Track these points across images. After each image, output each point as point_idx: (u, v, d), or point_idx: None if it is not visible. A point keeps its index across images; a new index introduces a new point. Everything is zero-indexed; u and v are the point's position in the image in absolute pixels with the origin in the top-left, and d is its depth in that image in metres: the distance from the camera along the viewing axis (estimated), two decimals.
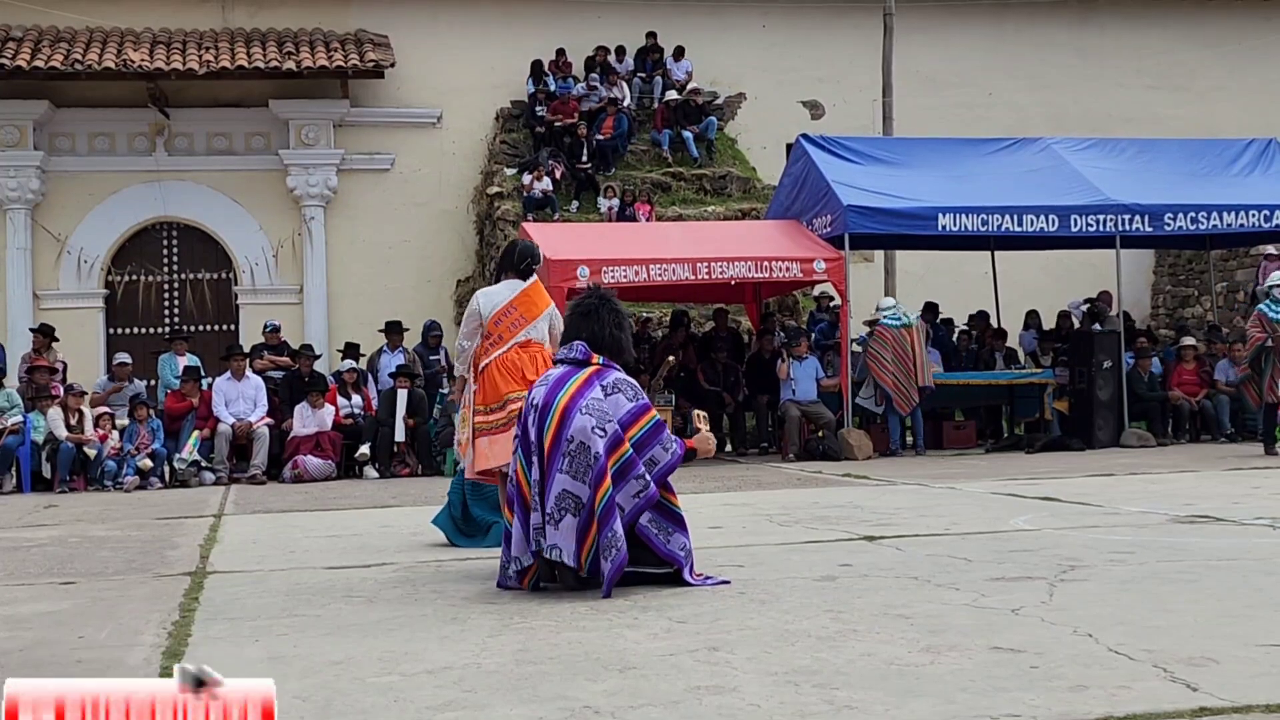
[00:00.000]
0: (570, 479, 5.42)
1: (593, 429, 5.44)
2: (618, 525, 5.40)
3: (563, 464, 5.43)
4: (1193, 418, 16.83)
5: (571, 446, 5.43)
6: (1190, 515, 7.85)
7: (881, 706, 3.45)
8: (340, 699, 3.75)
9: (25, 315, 20.43)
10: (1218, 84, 24.71)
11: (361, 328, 19.32)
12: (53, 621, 5.30)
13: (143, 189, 21.68)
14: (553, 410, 5.53)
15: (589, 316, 5.81)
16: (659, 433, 5.62)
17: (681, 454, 5.67)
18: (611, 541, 5.37)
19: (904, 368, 15.26)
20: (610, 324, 5.79)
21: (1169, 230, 16.04)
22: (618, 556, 5.38)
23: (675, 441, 5.68)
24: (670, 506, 5.71)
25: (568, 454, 5.43)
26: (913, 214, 15.46)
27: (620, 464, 5.47)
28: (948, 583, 5.47)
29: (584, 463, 5.41)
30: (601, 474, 5.39)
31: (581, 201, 20.64)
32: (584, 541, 5.40)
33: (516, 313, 6.86)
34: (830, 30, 23.60)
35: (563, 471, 5.43)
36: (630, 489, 5.48)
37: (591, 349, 5.73)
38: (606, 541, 5.37)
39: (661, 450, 5.60)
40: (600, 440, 5.43)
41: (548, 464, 5.49)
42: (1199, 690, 3.51)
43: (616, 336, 5.79)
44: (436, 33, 22.62)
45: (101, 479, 14.16)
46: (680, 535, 5.70)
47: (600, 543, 5.38)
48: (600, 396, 5.55)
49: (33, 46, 21.04)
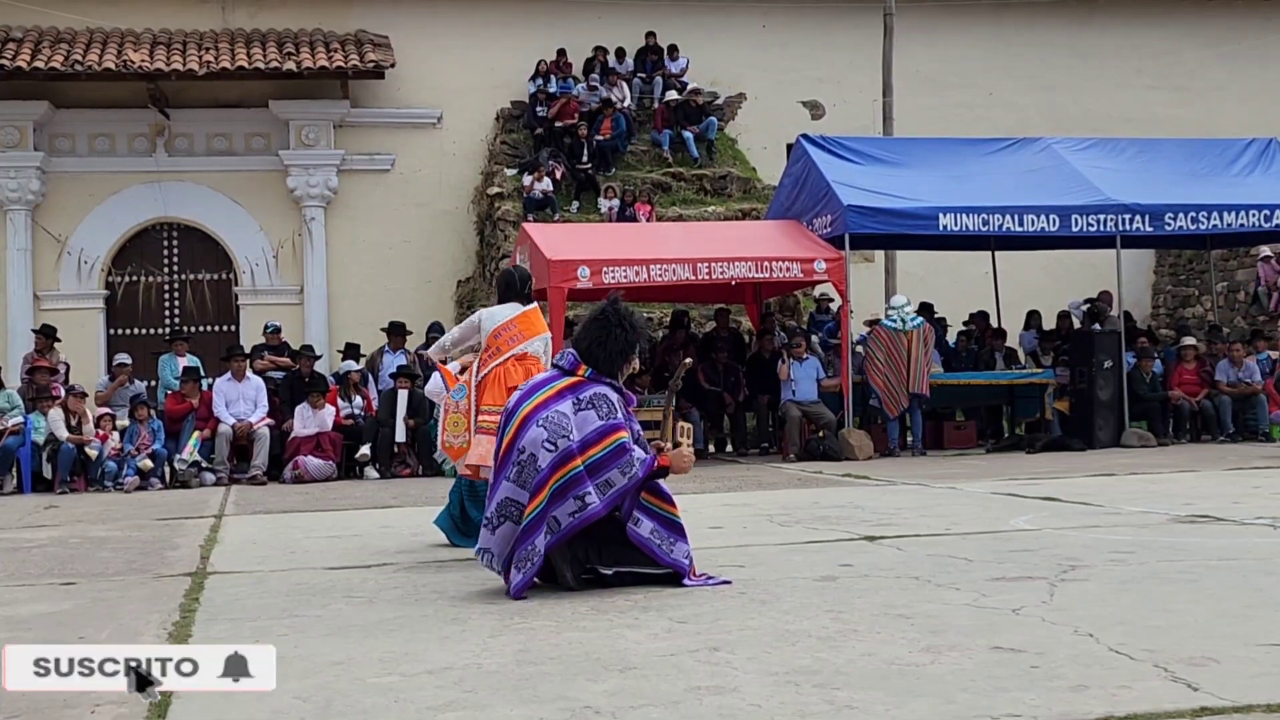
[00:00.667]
0: (516, 488, 5.48)
1: (543, 442, 5.46)
2: (539, 541, 5.40)
3: (511, 472, 5.50)
4: (1193, 418, 16.82)
5: (522, 457, 5.48)
6: (1191, 515, 7.85)
7: (882, 706, 3.45)
8: (341, 699, 3.75)
9: (26, 316, 20.45)
10: (1218, 84, 24.72)
11: (362, 328, 19.32)
12: (53, 622, 5.30)
13: (143, 190, 21.70)
14: (514, 418, 5.59)
15: (588, 325, 5.74)
16: (620, 456, 5.49)
17: (644, 474, 5.52)
18: (528, 555, 5.41)
19: (896, 370, 15.24)
20: (614, 348, 5.65)
21: (1169, 230, 16.03)
22: (529, 569, 5.41)
23: (640, 465, 5.51)
24: (670, 517, 5.69)
25: (517, 463, 5.48)
26: (913, 214, 15.45)
27: (564, 480, 5.43)
28: (948, 583, 5.48)
29: (531, 473, 5.45)
30: (539, 486, 5.41)
31: (582, 202, 20.64)
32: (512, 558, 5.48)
33: (516, 329, 7.20)
34: (830, 30, 23.61)
35: (509, 480, 5.50)
36: (566, 508, 5.43)
37: (583, 360, 5.66)
38: (524, 554, 5.41)
39: (619, 474, 5.48)
40: (549, 454, 5.44)
41: (498, 469, 5.59)
42: (1200, 690, 3.51)
43: (595, 355, 5.66)
44: (436, 33, 22.63)
45: (102, 480, 14.16)
46: (682, 544, 5.69)
47: (517, 554, 5.42)
48: (567, 410, 5.52)
49: (33, 47, 21.05)
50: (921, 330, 15.43)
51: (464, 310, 17.65)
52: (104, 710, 3.71)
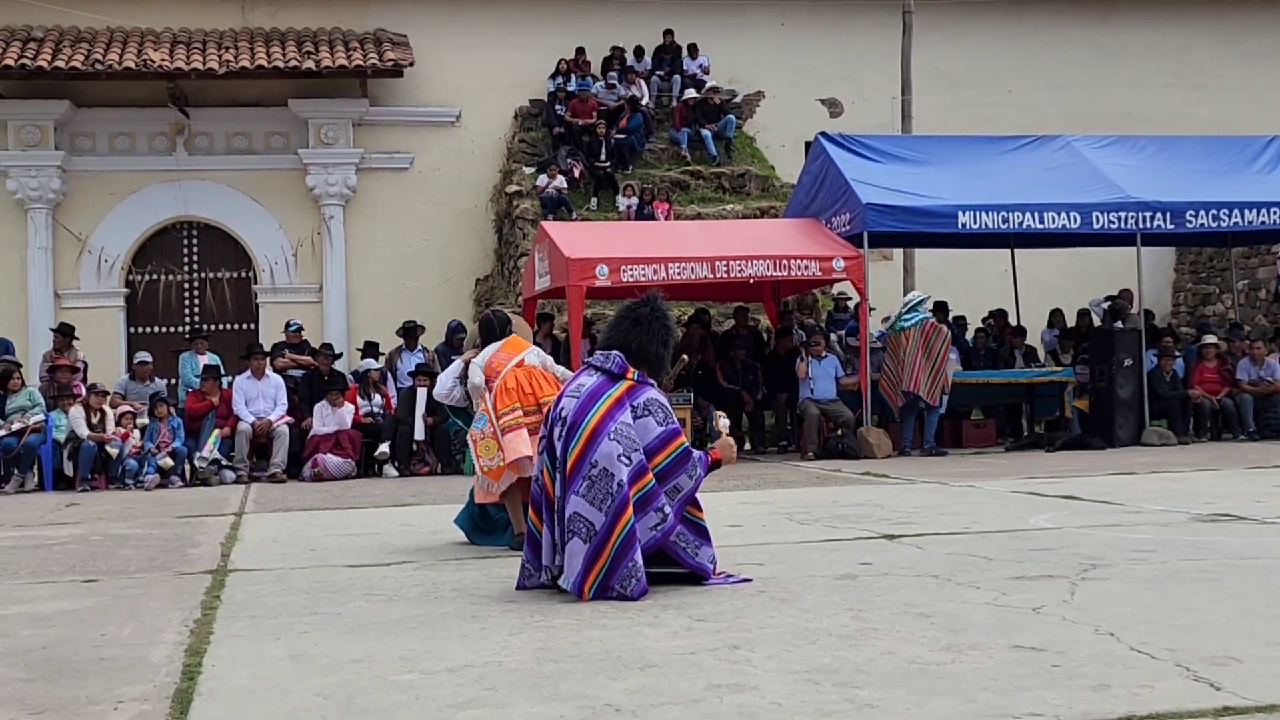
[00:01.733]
0: (587, 504, 5.29)
1: (618, 456, 5.29)
2: (638, 555, 5.28)
3: (581, 486, 5.30)
4: (1214, 416, 16.75)
5: (594, 471, 5.29)
6: (1212, 514, 7.81)
7: (902, 705, 3.44)
8: (361, 697, 3.76)
9: (47, 314, 20.54)
10: (1236, 82, 24.61)
11: (381, 326, 19.36)
12: (75, 619, 5.32)
13: (163, 188, 21.79)
14: (581, 429, 5.37)
15: (639, 326, 5.64)
16: (685, 461, 5.46)
17: (704, 475, 5.53)
18: (632, 571, 5.25)
19: (894, 369, 15.16)
20: (657, 339, 5.63)
21: (1190, 228, 15.96)
22: (637, 586, 5.25)
23: (700, 465, 5.52)
24: (696, 520, 5.63)
25: (589, 478, 5.29)
26: (932, 212, 15.42)
27: (641, 494, 5.33)
28: (968, 581, 5.46)
29: (604, 489, 5.26)
30: (624, 504, 5.25)
31: (600, 200, 20.65)
32: (591, 568, 5.27)
33: (502, 354, 7.39)
34: (849, 28, 23.58)
35: (579, 494, 5.30)
36: (649, 521, 5.35)
37: (629, 361, 5.57)
38: (626, 571, 5.24)
39: (686, 478, 5.46)
40: (625, 469, 5.28)
41: (567, 483, 5.37)
42: (1222, 689, 3.50)
43: (661, 354, 5.65)
44: (455, 32, 22.66)
45: (123, 478, 14.22)
46: (707, 548, 5.64)
47: (621, 570, 5.24)
48: (629, 420, 5.40)
49: (54, 47, 21.15)
50: (920, 327, 15.11)
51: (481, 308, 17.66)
52: (127, 707, 3.72)
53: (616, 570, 5.24)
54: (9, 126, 21.20)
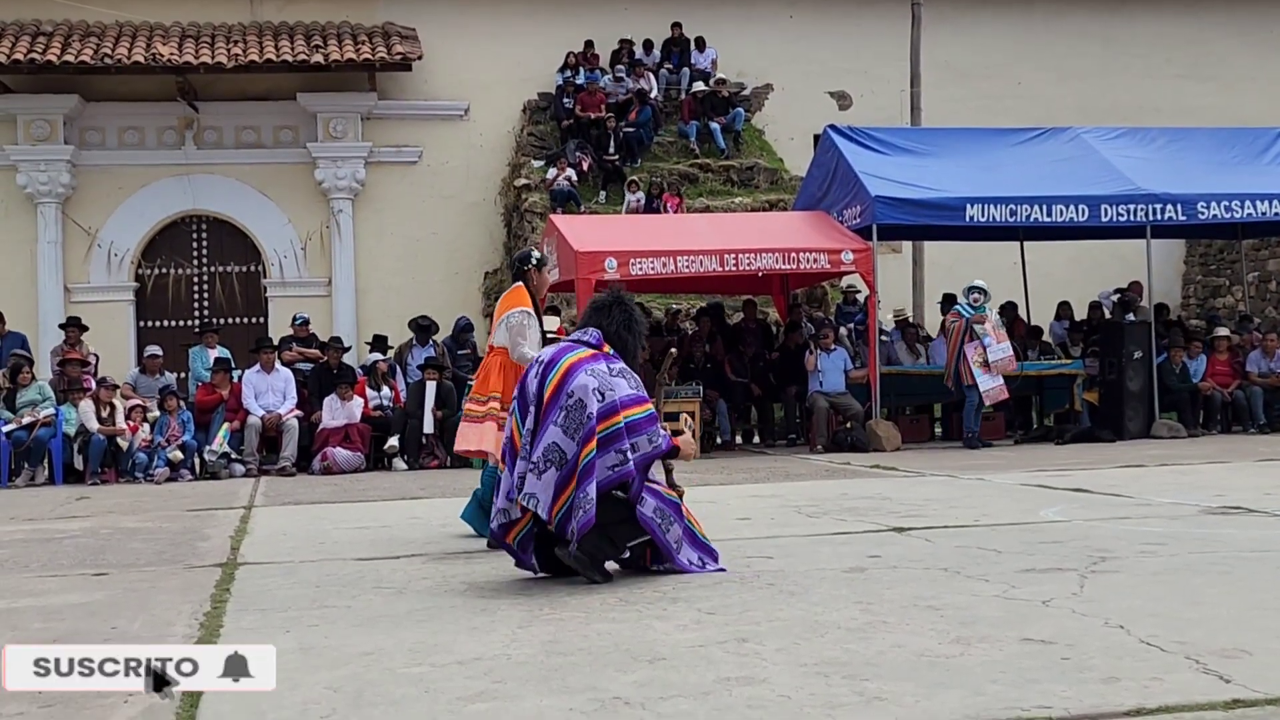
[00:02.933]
0: (562, 433, 5.49)
1: (593, 390, 5.53)
2: (591, 488, 5.44)
3: (558, 416, 5.51)
4: (1224, 409, 16.72)
5: (570, 401, 5.50)
6: (1222, 506, 7.80)
7: (911, 698, 3.44)
8: (371, 689, 3.76)
9: (56, 308, 20.58)
10: (1246, 73, 24.54)
11: (390, 320, 19.38)
12: (85, 612, 5.33)
13: (172, 182, 21.82)
14: (559, 365, 5.64)
15: (600, 311, 5.96)
16: (651, 424, 5.68)
17: (666, 448, 5.71)
18: (582, 502, 5.42)
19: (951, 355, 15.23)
20: (619, 323, 5.90)
21: (1201, 219, 15.89)
22: (584, 517, 5.41)
23: (663, 436, 5.72)
24: (672, 498, 5.82)
25: (565, 408, 5.50)
26: (941, 205, 15.38)
27: (609, 432, 5.53)
28: (977, 574, 5.46)
29: (578, 420, 5.47)
30: (590, 435, 5.46)
31: (609, 193, 20.64)
32: (560, 496, 5.45)
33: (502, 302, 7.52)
34: (858, 21, 23.54)
35: (557, 424, 5.50)
36: (609, 459, 5.52)
37: (607, 340, 5.86)
38: (579, 500, 5.42)
39: (647, 441, 5.64)
40: (596, 403, 5.50)
41: (543, 415, 5.57)
42: (1232, 682, 3.49)
43: (623, 337, 5.90)
44: (464, 25, 22.66)
45: (132, 471, 14.25)
46: (677, 526, 5.79)
47: (574, 500, 5.42)
48: (605, 370, 5.65)
49: (63, 41, 21.18)
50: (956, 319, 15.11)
51: (491, 301, 17.71)
52: (137, 700, 3.73)
53: (576, 498, 5.43)
54: (19, 121, 21.25)
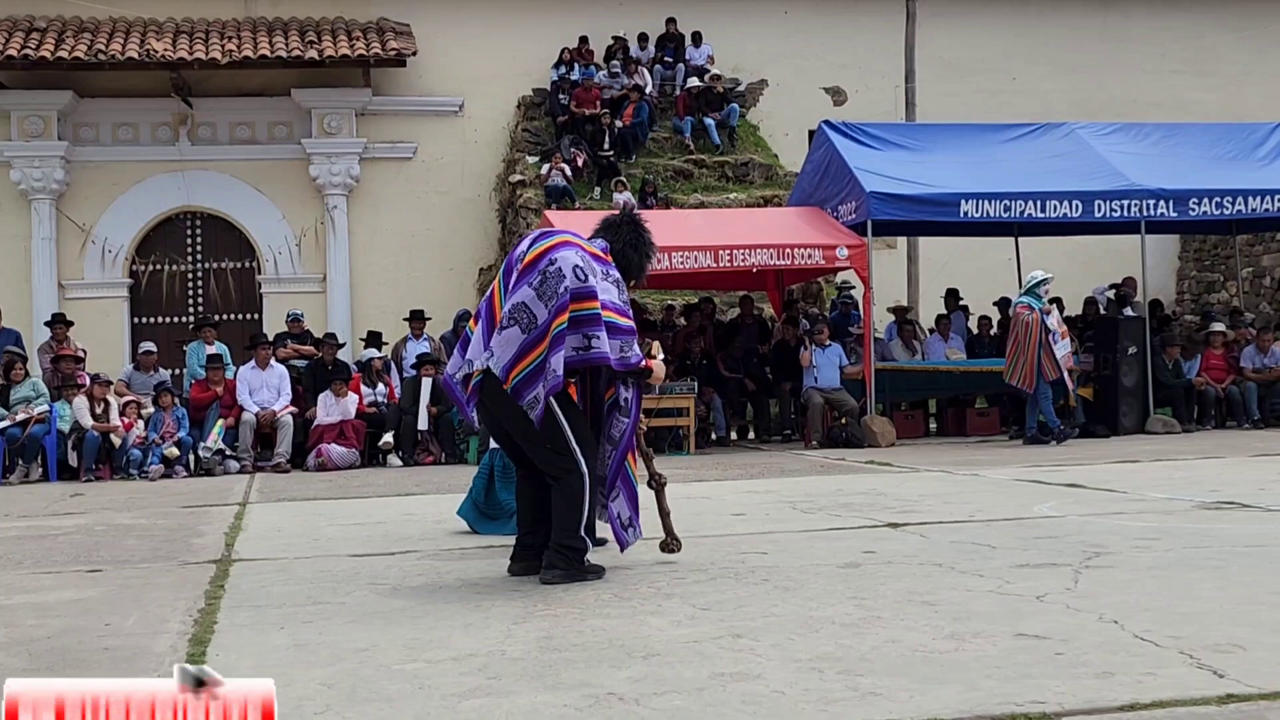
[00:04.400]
0: (534, 295, 5.48)
1: (575, 267, 5.54)
2: (559, 362, 5.43)
3: (534, 279, 5.51)
4: (1218, 404, 16.73)
5: (550, 269, 5.52)
6: (1216, 501, 7.81)
7: (906, 694, 3.44)
8: (365, 686, 3.76)
9: (50, 305, 20.53)
10: (1243, 68, 24.54)
11: (384, 316, 19.36)
12: (80, 609, 5.33)
13: (166, 179, 21.78)
14: (549, 238, 5.68)
15: (611, 228, 6.02)
16: (630, 335, 5.71)
17: (636, 363, 5.73)
18: (555, 366, 5.43)
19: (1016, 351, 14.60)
20: (627, 241, 5.95)
21: (1194, 215, 15.92)
22: (553, 381, 5.42)
23: (636, 354, 5.75)
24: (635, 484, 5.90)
25: (543, 273, 5.51)
26: (935, 200, 15.39)
27: (584, 314, 5.53)
28: (972, 569, 5.46)
29: (553, 289, 5.48)
30: (563, 308, 5.47)
31: (603, 189, 20.63)
32: (521, 359, 5.44)
33: None
34: (852, 16, 23.52)
35: (531, 286, 5.51)
36: (574, 341, 5.53)
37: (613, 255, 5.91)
38: (552, 364, 5.42)
39: (622, 347, 5.67)
40: (576, 282, 5.51)
41: (520, 275, 5.58)
42: (1226, 677, 3.50)
43: (629, 255, 5.95)
44: (458, 21, 22.63)
45: (127, 468, 14.23)
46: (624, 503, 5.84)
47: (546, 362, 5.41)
48: (599, 269, 5.68)
49: (56, 37, 21.13)
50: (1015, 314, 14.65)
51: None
52: None
53: (547, 361, 5.42)
54: (12, 117, 21.20)
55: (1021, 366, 14.38)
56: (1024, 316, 14.40)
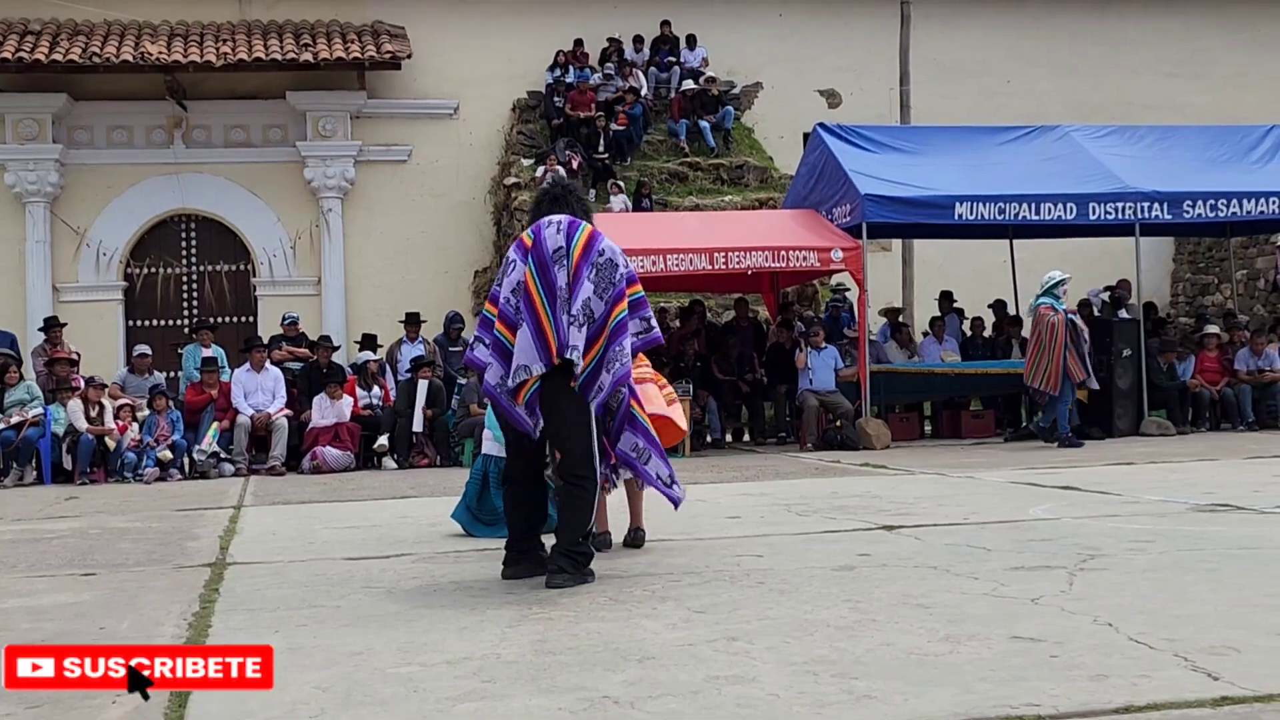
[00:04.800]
0: (593, 291, 5.60)
1: (621, 253, 5.72)
2: (626, 342, 5.63)
3: (590, 273, 5.61)
4: (1213, 406, 16.75)
5: (601, 260, 5.64)
6: (1211, 504, 7.81)
7: (900, 696, 3.44)
8: (360, 689, 3.76)
9: (45, 308, 20.50)
10: (1237, 71, 24.58)
11: (379, 319, 19.36)
12: (74, 613, 5.32)
13: (161, 181, 21.75)
14: (580, 229, 5.71)
15: (557, 202, 5.97)
16: (644, 305, 5.89)
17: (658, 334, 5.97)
18: (618, 355, 5.59)
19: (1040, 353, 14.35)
20: (579, 211, 5.93)
21: (1188, 218, 15.93)
22: (620, 370, 5.60)
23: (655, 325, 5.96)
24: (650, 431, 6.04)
25: (595, 265, 5.63)
26: (930, 203, 15.40)
27: (636, 298, 5.77)
28: (967, 572, 5.47)
29: (608, 279, 5.62)
30: (620, 296, 5.63)
31: (598, 192, 20.63)
32: (589, 351, 5.56)
33: None
34: (847, 19, 23.54)
35: (590, 280, 5.61)
36: (636, 326, 5.76)
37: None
38: (614, 354, 5.58)
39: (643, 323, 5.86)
40: (624, 267, 5.69)
41: (577, 269, 5.64)
42: (1220, 679, 3.50)
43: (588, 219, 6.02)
44: (453, 24, 22.63)
45: (121, 471, 14.21)
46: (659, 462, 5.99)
47: (607, 354, 5.57)
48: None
49: (51, 40, 21.11)
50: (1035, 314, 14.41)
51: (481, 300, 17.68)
52: (125, 700, 3.72)
53: (606, 354, 5.58)
54: (6, 120, 21.17)
55: (1045, 368, 14.18)
56: (1048, 317, 14.18)
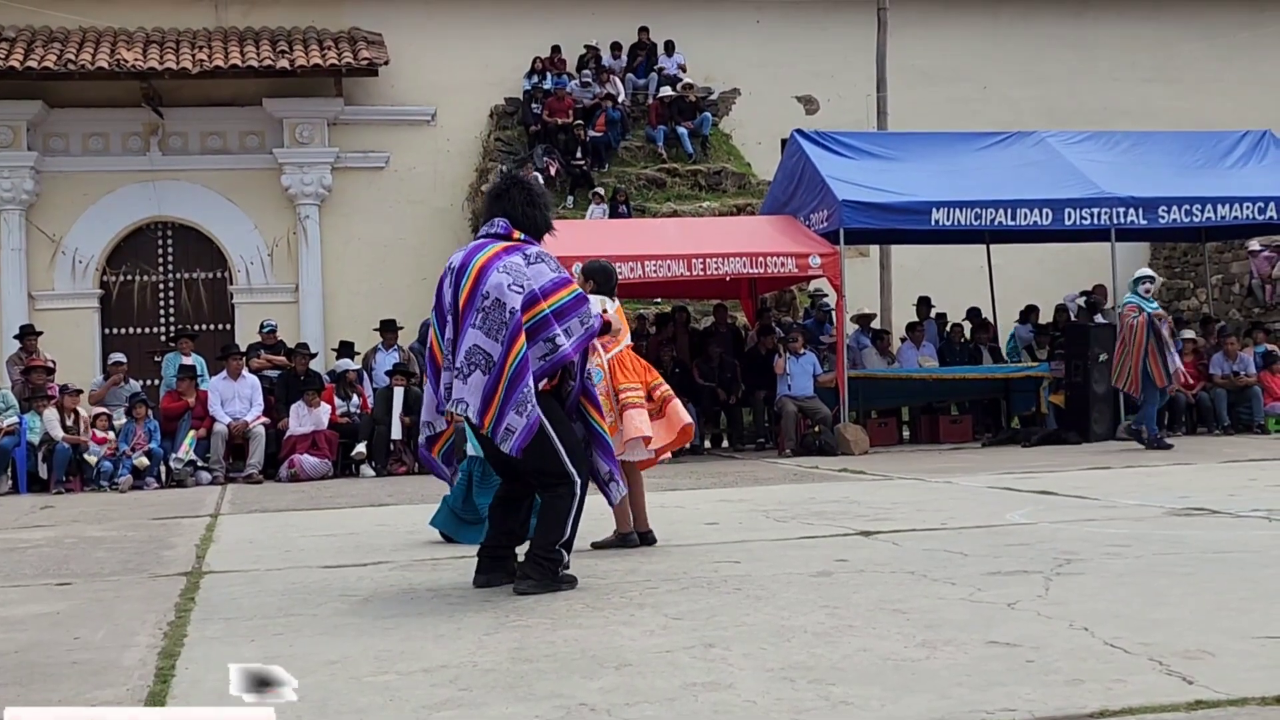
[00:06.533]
0: (483, 335, 5.43)
1: (509, 286, 5.46)
2: (530, 383, 5.40)
3: (476, 319, 5.46)
4: (1188, 410, 16.83)
5: (486, 303, 5.46)
6: (1186, 508, 7.85)
7: (877, 702, 3.45)
8: (336, 698, 3.75)
9: (20, 316, 20.36)
10: (1212, 77, 24.70)
11: (357, 326, 19.27)
12: (49, 623, 5.29)
13: (137, 189, 21.64)
14: (470, 269, 5.58)
15: (500, 198, 5.86)
16: (579, 305, 5.67)
17: (598, 326, 5.81)
18: (525, 398, 5.37)
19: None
20: (522, 203, 5.82)
21: (1164, 223, 16.04)
22: (532, 413, 5.37)
23: (594, 316, 5.77)
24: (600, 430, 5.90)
25: (482, 309, 5.46)
26: (907, 209, 15.46)
27: (534, 322, 5.49)
28: (944, 577, 5.48)
29: (498, 320, 5.42)
30: (517, 331, 5.42)
31: (576, 198, 20.64)
32: (490, 400, 5.40)
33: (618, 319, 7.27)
34: (824, 25, 23.58)
35: (475, 327, 5.45)
36: (538, 350, 5.49)
37: (516, 226, 5.79)
38: (521, 397, 5.37)
39: (579, 323, 5.64)
40: (516, 297, 5.45)
41: (461, 320, 5.53)
42: (1195, 683, 3.51)
43: (530, 215, 5.83)
44: (430, 30, 22.59)
45: (97, 479, 14.14)
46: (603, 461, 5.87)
47: (515, 398, 5.36)
48: (521, 262, 5.59)
49: (26, 46, 21.00)
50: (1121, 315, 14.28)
51: None
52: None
53: (511, 398, 5.36)
54: None
55: (1128, 370, 14.05)
56: (1130, 318, 14.00)
